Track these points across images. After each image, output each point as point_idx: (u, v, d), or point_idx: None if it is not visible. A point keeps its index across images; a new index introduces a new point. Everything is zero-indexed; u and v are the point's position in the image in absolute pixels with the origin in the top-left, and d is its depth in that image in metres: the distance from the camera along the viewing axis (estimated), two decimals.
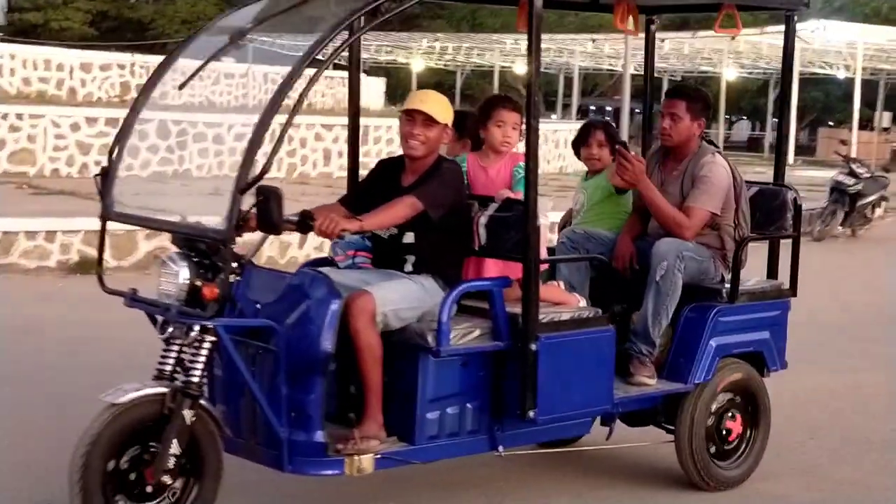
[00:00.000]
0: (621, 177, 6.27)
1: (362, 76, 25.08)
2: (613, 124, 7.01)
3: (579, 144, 6.85)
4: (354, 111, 6.41)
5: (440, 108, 5.54)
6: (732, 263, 6.33)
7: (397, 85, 46.67)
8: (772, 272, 6.74)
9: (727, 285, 6.37)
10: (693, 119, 6.35)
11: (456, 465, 6.02)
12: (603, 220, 6.67)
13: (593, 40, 41.23)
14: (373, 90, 36.49)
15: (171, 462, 4.93)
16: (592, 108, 57.54)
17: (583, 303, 5.96)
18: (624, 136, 34.43)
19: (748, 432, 6.48)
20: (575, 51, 43.80)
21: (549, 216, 5.88)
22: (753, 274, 6.71)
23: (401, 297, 5.36)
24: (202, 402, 5.05)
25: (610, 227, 6.61)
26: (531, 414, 5.48)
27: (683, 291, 6.25)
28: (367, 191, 5.72)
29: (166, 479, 4.93)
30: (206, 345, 5.03)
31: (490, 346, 5.49)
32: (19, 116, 18.90)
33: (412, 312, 5.37)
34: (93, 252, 12.11)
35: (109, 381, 5.13)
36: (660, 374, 6.22)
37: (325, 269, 5.75)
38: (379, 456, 5.26)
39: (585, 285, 6.37)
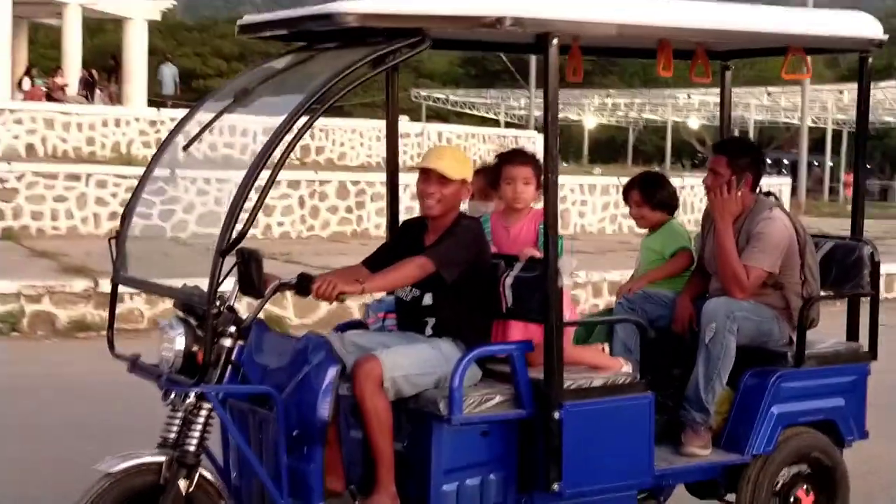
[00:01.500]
0: (711, 205, 6.00)
1: (535, 133, 25.20)
2: (656, 176, 6.64)
3: (626, 203, 6.57)
4: (392, 168, 6.18)
5: (456, 164, 5.30)
6: (798, 324, 5.87)
7: (570, 142, 46.51)
8: (851, 334, 6.23)
9: (794, 348, 5.90)
10: (734, 174, 5.96)
11: None
12: (663, 280, 6.32)
13: (769, 93, 40.36)
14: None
15: None
16: (769, 161, 55.98)
17: (626, 367, 5.58)
18: (802, 189, 33.55)
19: None
20: (750, 104, 42.94)
21: (576, 275, 5.54)
22: (835, 337, 6.22)
23: (413, 363, 5.11)
24: (201, 471, 4.87)
25: (671, 288, 6.25)
26: (555, 487, 5.15)
27: (747, 355, 5.85)
28: (391, 252, 5.49)
29: None
30: (203, 412, 4.86)
31: (511, 415, 5.18)
32: (207, 181, 19.45)
33: (427, 378, 5.12)
34: (278, 311, 12.53)
35: None
36: (720, 444, 5.80)
37: (351, 332, 5.58)
38: None
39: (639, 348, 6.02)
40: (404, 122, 33.30)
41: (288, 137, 4.77)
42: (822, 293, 6.16)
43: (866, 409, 6.10)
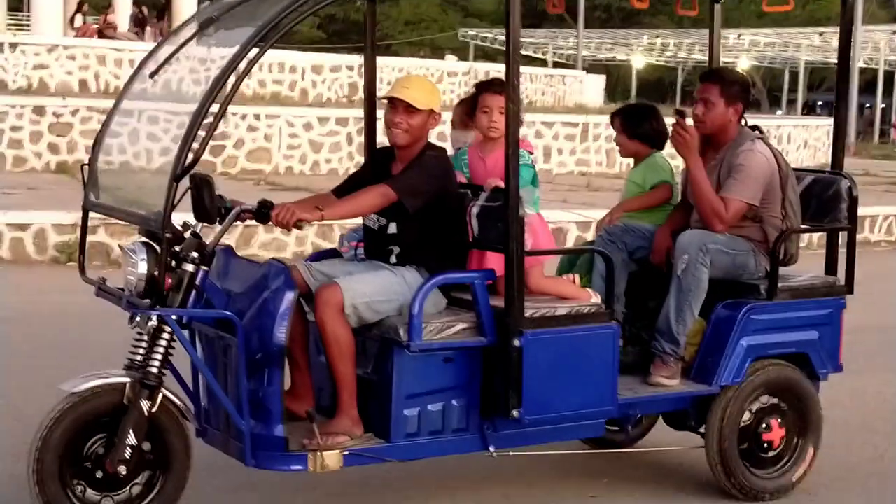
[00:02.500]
0: (674, 145, 5.87)
1: (583, 73, 25.01)
2: (644, 108, 6.57)
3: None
4: (370, 101, 6.16)
5: (423, 94, 5.28)
6: (771, 257, 5.82)
7: (617, 82, 46.08)
8: (830, 268, 6.16)
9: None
10: (728, 104, 5.89)
11: (471, 462, 5.73)
12: (644, 212, 6.28)
13: (821, 34, 39.68)
14: (592, 87, 36.23)
15: (127, 452, 4.82)
16: (819, 102, 55.35)
17: (596, 299, 5.56)
18: (851, 131, 33.01)
19: (794, 440, 5.93)
20: (801, 44, 42.26)
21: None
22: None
23: (374, 290, 5.13)
24: (165, 392, 4.93)
25: (653, 221, 6.20)
26: (515, 413, 5.16)
27: (722, 287, 5.82)
28: (360, 180, 5.50)
29: (122, 469, 4.82)
30: (165, 335, 4.92)
31: (472, 342, 5.19)
32: (256, 117, 19.77)
33: (389, 305, 5.14)
34: (322, 243, 12.57)
35: None
36: (690, 375, 5.78)
37: (323, 261, 5.61)
38: (347, 452, 5.03)
39: (622, 279, 6.00)
40: (451, 62, 33.20)
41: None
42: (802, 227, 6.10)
43: (841, 343, 6.03)
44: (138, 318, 4.91)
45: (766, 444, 5.84)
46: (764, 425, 5.84)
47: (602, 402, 5.40)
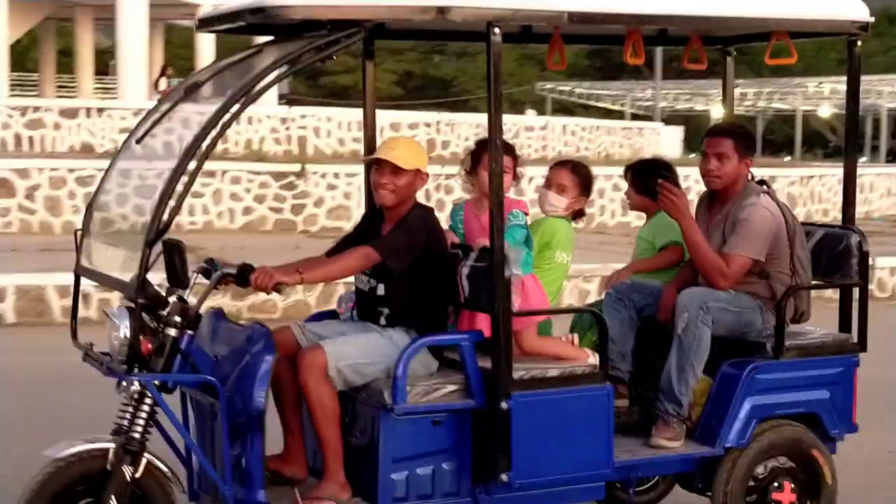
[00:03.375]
0: (664, 209, 5.73)
1: (660, 125, 24.81)
2: (655, 164, 6.42)
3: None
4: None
5: (408, 154, 5.22)
6: (777, 314, 5.63)
7: (696, 133, 45.60)
8: (844, 325, 5.95)
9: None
10: (741, 158, 5.75)
11: None
12: (657, 271, 6.15)
13: None
14: (670, 139, 35.97)
15: None
16: None
17: (593, 359, 5.42)
18: None
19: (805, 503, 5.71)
20: (883, 91, 41.57)
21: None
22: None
23: (360, 351, 5.06)
24: (149, 458, 4.89)
25: (662, 278, 6.06)
26: (504, 477, 5.04)
27: (728, 346, 5.65)
28: (351, 242, 5.44)
29: None
30: (147, 400, 4.88)
31: (458, 405, 5.08)
32: (336, 175, 19.91)
33: (375, 367, 5.06)
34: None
35: None
36: (695, 436, 5.61)
37: (314, 322, 5.55)
38: None
39: (629, 338, 5.87)
40: (529, 116, 33.17)
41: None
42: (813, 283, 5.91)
43: (855, 402, 5.81)
44: (123, 384, 4.87)
45: None
46: (773, 488, 5.62)
47: (597, 465, 5.25)
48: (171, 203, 4.56)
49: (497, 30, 4.93)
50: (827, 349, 5.79)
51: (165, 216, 4.57)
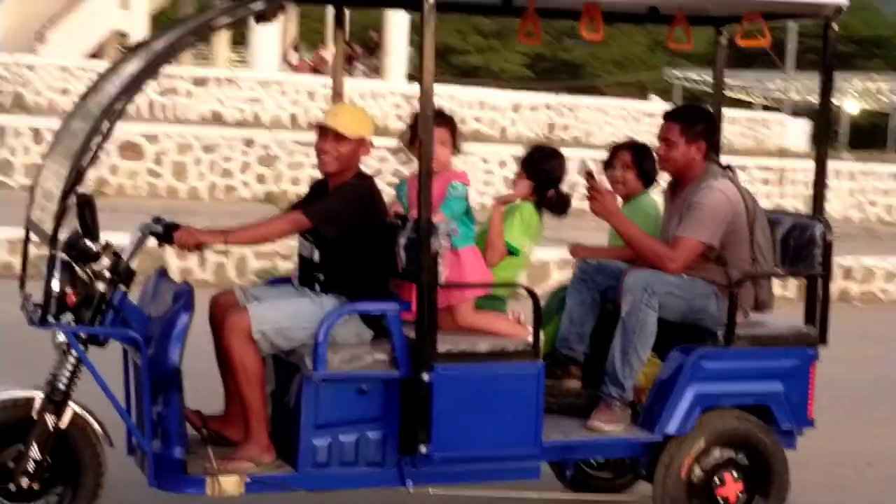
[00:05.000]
0: (591, 209, 5.55)
1: (785, 117, 24.28)
2: (646, 146, 6.19)
3: (607, 167, 6.14)
4: None
5: (352, 122, 5.13)
6: (729, 301, 5.41)
7: (828, 127, 44.19)
8: (809, 317, 5.68)
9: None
10: (690, 143, 5.53)
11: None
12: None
13: None
14: (796, 131, 34.99)
15: (31, 466, 4.82)
16: None
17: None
18: None
19: (752, 498, 5.47)
20: None
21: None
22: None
23: (286, 316, 5.00)
24: (76, 408, 4.91)
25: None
26: (423, 449, 4.94)
27: (682, 332, 5.45)
28: (299, 208, 5.38)
29: (25, 481, 4.82)
30: (73, 351, 4.90)
31: (382, 374, 5.00)
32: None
33: (302, 332, 5.00)
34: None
35: None
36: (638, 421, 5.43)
37: (264, 287, 5.53)
38: (248, 479, 4.91)
39: (588, 319, 5.71)
40: (651, 103, 32.60)
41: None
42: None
43: (812, 396, 5.55)
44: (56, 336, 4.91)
45: (720, 501, 5.39)
46: (719, 479, 5.40)
47: (523, 444, 5.12)
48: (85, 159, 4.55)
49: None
50: (783, 340, 5.54)
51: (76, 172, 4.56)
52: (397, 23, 33.01)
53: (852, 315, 12.59)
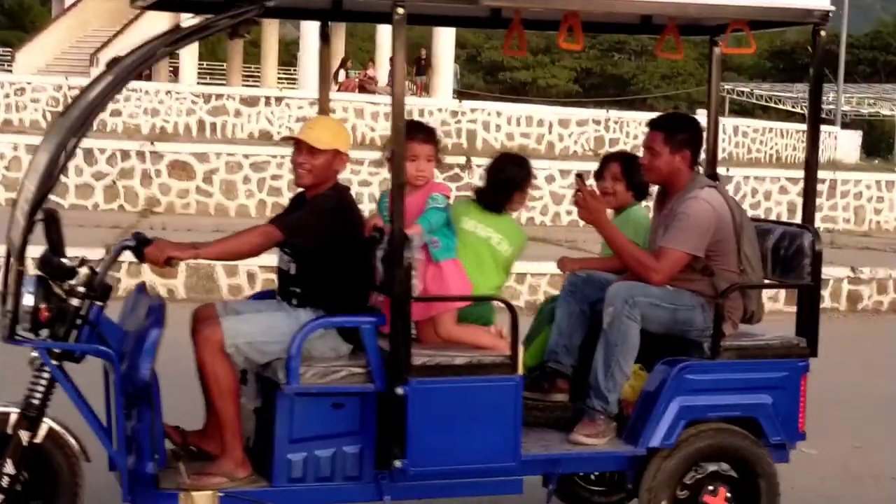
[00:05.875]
0: (580, 216, 5.44)
1: (837, 129, 23.94)
2: (637, 157, 6.05)
3: (598, 179, 6.03)
4: None
5: (325, 134, 5.07)
6: (715, 313, 5.27)
7: (879, 138, 43.68)
8: (800, 329, 5.52)
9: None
10: (674, 152, 5.40)
11: None
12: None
13: None
14: (847, 143, 34.56)
15: (6, 482, 4.78)
16: None
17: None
18: None
19: None
20: None
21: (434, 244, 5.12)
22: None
23: (260, 330, 4.94)
24: (51, 424, 4.87)
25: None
26: (398, 464, 4.85)
27: (670, 344, 5.33)
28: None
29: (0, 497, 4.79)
30: (46, 368, 4.87)
31: (356, 388, 4.91)
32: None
33: (277, 346, 4.93)
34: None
35: None
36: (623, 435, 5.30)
37: (246, 301, 5.48)
38: (222, 494, 4.84)
39: (577, 331, 5.60)
40: (701, 115, 32.28)
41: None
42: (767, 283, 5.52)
43: (803, 409, 5.38)
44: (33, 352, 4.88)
45: None
46: (706, 493, 5.26)
47: (501, 458, 5.00)
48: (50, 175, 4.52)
49: (401, 10, 4.72)
50: (771, 352, 5.38)
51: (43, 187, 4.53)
52: (445, 41, 33.14)
53: None
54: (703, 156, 6.05)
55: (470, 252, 5.27)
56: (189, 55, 30.97)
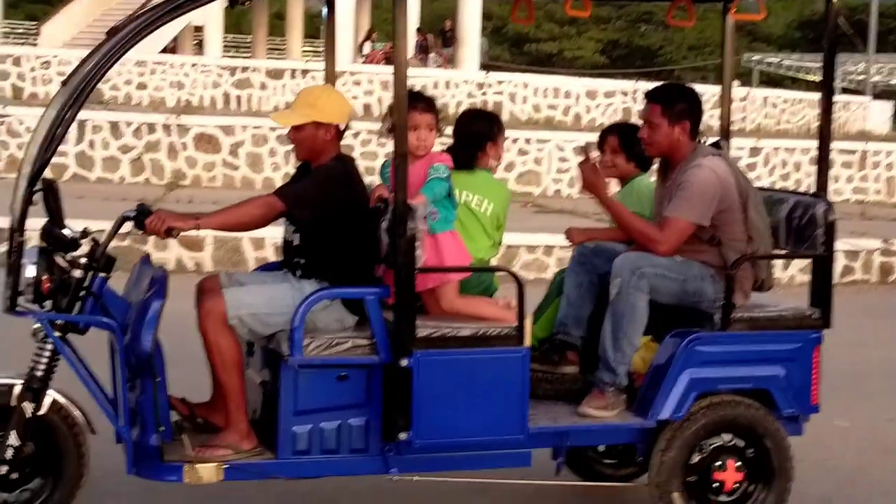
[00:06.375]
0: (584, 186, 5.36)
1: (867, 100, 23.75)
2: (637, 128, 5.94)
3: (601, 152, 5.95)
4: None
5: (300, 108, 4.98)
6: (726, 283, 5.18)
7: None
8: (815, 299, 5.42)
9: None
10: (672, 123, 5.30)
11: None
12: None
13: None
14: (878, 114, 34.14)
15: (9, 453, 4.76)
16: None
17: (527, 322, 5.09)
18: None
19: (752, 486, 5.24)
20: None
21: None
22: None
23: (264, 301, 4.89)
24: (55, 396, 4.84)
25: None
26: (402, 436, 4.79)
27: (682, 315, 5.25)
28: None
29: (3, 469, 4.76)
30: (50, 339, 4.83)
31: (361, 360, 4.86)
32: (528, 141, 19.83)
33: (281, 318, 4.88)
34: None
35: None
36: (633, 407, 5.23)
37: (252, 272, 5.43)
38: (227, 466, 4.81)
39: (586, 303, 5.52)
40: (733, 87, 31.97)
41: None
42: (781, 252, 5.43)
43: (816, 380, 5.29)
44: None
45: (717, 486, 5.17)
46: (716, 466, 5.19)
47: (508, 430, 4.93)
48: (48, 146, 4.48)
49: None
50: (783, 323, 5.28)
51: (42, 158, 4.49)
52: (471, 13, 32.94)
53: None
54: (717, 124, 5.98)
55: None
56: (214, 28, 30.91)
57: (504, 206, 5.56)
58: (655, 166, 5.72)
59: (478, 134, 5.49)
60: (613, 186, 5.83)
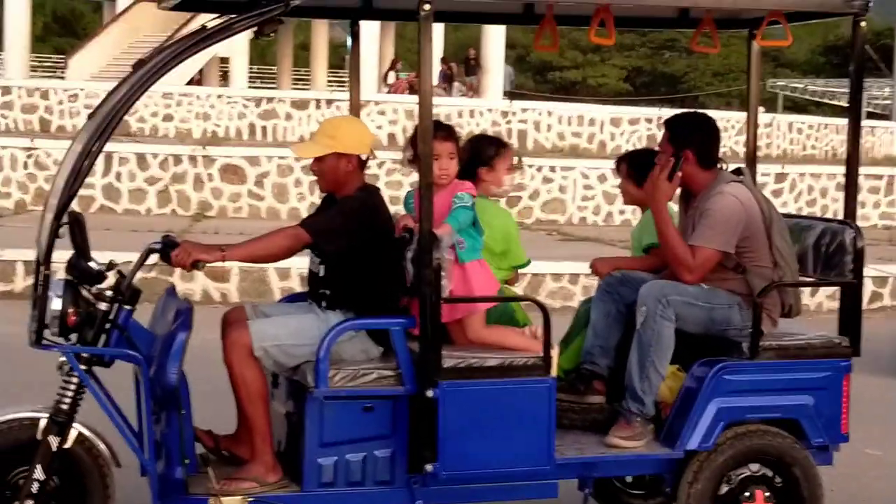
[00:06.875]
0: (646, 189, 5.34)
1: (894, 125, 23.28)
2: (651, 154, 5.91)
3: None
4: None
5: (320, 140, 4.98)
6: (753, 311, 5.14)
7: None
8: (843, 328, 5.36)
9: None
10: (676, 150, 5.27)
11: None
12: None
13: None
14: None
15: (35, 487, 4.75)
16: None
17: (553, 351, 5.05)
18: None
19: None
20: None
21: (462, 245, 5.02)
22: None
23: (288, 333, 4.87)
24: (81, 429, 4.83)
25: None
26: (429, 468, 4.76)
27: (709, 344, 5.20)
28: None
29: (29, 503, 4.75)
30: (75, 372, 4.83)
31: (387, 391, 4.83)
32: (552, 169, 19.84)
33: (306, 349, 4.86)
34: None
35: None
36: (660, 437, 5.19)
37: (277, 304, 5.42)
38: (251, 499, 4.79)
39: (613, 332, 5.48)
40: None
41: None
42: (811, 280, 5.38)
43: (846, 410, 5.23)
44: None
45: None
46: (745, 497, 5.13)
47: (535, 461, 4.90)
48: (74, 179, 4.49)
49: (427, 6, 4.63)
50: (812, 351, 5.23)
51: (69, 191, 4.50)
52: (495, 41, 33.04)
53: None
54: (743, 151, 5.94)
55: None
56: (239, 59, 31.08)
57: (504, 232, 5.52)
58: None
59: (474, 159, 5.45)
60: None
